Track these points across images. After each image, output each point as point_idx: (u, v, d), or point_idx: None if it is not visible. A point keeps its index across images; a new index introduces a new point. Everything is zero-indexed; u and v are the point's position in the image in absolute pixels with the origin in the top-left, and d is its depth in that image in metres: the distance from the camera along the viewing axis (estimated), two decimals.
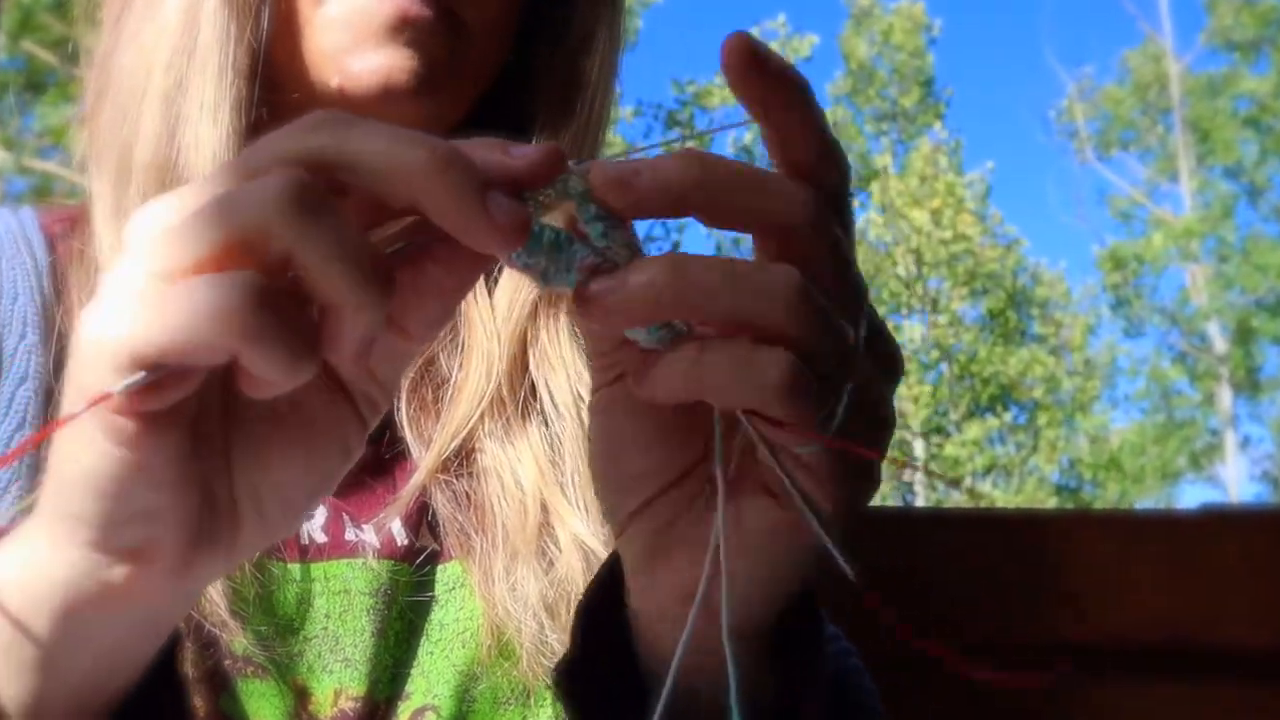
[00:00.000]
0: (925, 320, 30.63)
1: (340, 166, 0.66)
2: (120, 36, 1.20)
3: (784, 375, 0.69)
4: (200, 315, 0.62)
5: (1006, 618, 1.91)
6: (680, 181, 0.69)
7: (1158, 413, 34.09)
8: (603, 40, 1.27)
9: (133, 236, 0.67)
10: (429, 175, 0.65)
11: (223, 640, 1.09)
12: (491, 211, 0.66)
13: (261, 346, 0.63)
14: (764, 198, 0.71)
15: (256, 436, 0.72)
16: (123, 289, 0.65)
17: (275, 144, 0.68)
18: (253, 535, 0.74)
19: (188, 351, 0.63)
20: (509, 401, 1.21)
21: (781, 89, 0.71)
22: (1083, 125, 36.59)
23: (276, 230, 0.63)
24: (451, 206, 0.66)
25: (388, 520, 1.16)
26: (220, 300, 0.62)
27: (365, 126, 0.67)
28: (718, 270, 0.69)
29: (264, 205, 0.63)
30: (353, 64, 1.13)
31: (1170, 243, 32.72)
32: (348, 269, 0.64)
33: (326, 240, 0.64)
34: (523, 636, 1.12)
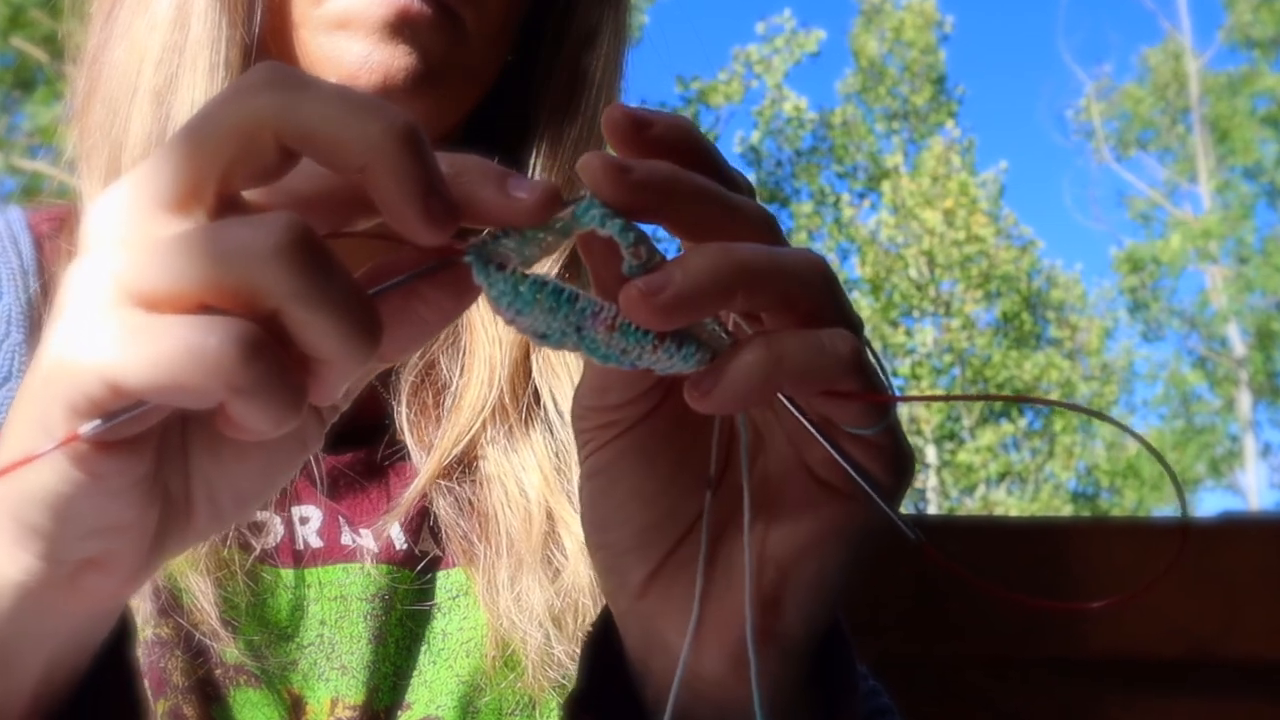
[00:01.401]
0: (938, 324, 30.61)
1: (290, 134, 0.65)
2: (111, 33, 1.20)
3: (854, 348, 0.71)
4: (190, 361, 0.61)
5: (1020, 629, 1.90)
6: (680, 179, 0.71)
7: (1176, 418, 34.09)
8: (606, 37, 1.27)
9: (97, 235, 0.66)
10: (379, 152, 0.64)
11: (214, 649, 1.09)
12: (430, 208, 0.65)
13: (252, 401, 0.62)
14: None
15: (214, 436, 0.70)
16: (96, 306, 0.63)
17: (225, 111, 0.66)
18: (205, 527, 0.73)
19: (172, 395, 0.62)
20: (511, 408, 1.21)
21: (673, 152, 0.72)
22: (1100, 124, 36.59)
23: (274, 287, 0.62)
24: (392, 193, 0.65)
25: (387, 525, 1.16)
26: (215, 349, 0.61)
27: (316, 90, 0.66)
28: (761, 252, 0.70)
29: (263, 258, 0.62)
30: (350, 62, 1.13)
31: (1189, 244, 32.70)
32: (342, 326, 0.64)
33: (324, 299, 0.63)
34: (528, 648, 1.12)
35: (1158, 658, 1.89)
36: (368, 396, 1.21)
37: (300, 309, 0.63)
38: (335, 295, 0.63)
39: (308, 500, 1.17)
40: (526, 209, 0.68)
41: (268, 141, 0.65)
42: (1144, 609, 1.89)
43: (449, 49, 1.15)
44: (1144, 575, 1.87)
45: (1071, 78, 52.74)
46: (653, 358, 0.71)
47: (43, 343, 0.65)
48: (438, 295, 0.71)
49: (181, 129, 0.66)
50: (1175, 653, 1.89)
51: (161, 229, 0.65)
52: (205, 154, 0.65)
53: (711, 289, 0.69)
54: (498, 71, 1.24)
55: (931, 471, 30.30)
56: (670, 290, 0.68)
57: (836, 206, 31.60)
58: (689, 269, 0.69)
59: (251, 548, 1.14)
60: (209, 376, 0.61)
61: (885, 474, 0.75)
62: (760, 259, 0.70)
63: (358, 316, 0.64)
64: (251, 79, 0.66)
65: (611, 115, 0.71)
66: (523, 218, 0.69)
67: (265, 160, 0.66)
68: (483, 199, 0.68)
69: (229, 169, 0.65)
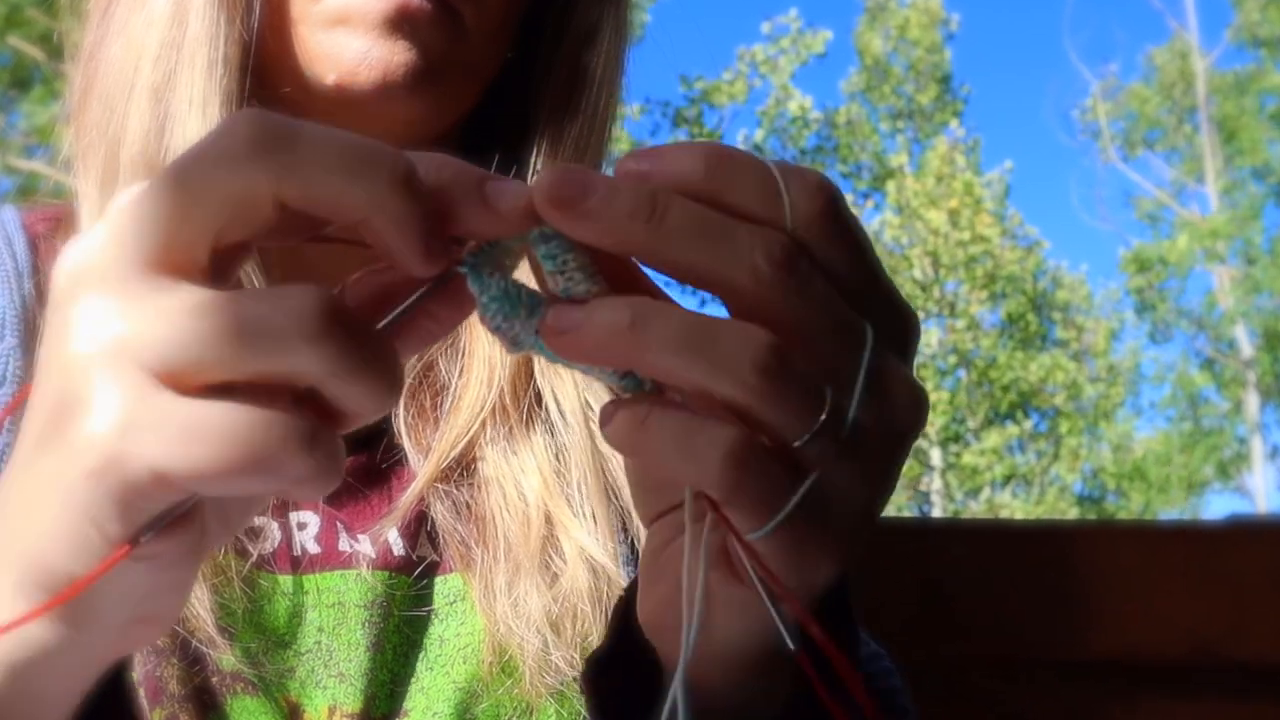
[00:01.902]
0: (942, 324, 30.60)
1: (291, 199, 0.65)
2: (107, 30, 1.19)
3: (724, 458, 0.67)
4: (250, 459, 0.61)
5: (1026, 632, 1.90)
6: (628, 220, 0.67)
7: (1183, 420, 34.07)
8: (608, 35, 1.27)
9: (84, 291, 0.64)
10: (381, 207, 0.64)
11: (210, 657, 1.09)
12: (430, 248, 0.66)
13: (309, 486, 0.63)
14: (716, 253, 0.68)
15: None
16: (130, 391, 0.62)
17: (216, 176, 0.64)
18: (217, 540, 0.73)
19: (232, 488, 0.63)
20: (512, 409, 1.21)
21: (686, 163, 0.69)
22: (1106, 124, 36.57)
23: (311, 369, 0.63)
24: (394, 241, 0.66)
25: (384, 530, 1.16)
26: (276, 448, 0.61)
27: (310, 145, 0.65)
28: (680, 327, 0.67)
29: (295, 343, 0.62)
30: (349, 58, 1.12)
31: (1196, 245, 32.68)
32: (375, 387, 0.64)
33: (359, 371, 0.63)
34: (525, 654, 1.11)
35: (1164, 659, 1.89)
36: None
37: (338, 384, 0.64)
38: (368, 363, 0.64)
39: (306, 506, 1.17)
40: (507, 223, 0.68)
41: (266, 206, 0.65)
42: (1151, 611, 1.89)
43: (449, 45, 1.15)
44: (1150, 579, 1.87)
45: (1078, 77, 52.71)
46: (600, 375, 0.71)
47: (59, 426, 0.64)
48: (438, 307, 0.71)
49: (166, 181, 0.65)
50: (1182, 655, 1.89)
51: (158, 294, 0.63)
52: (199, 218, 0.64)
53: (601, 353, 0.68)
54: (497, 69, 1.24)
55: (936, 474, 30.28)
56: (570, 337, 0.68)
57: None
58: (590, 324, 0.68)
59: (248, 554, 1.13)
60: (271, 473, 0.62)
61: (785, 573, 0.71)
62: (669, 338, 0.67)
63: (387, 373, 0.65)
64: (237, 136, 0.65)
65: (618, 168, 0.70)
66: (506, 228, 0.68)
67: (263, 221, 0.65)
68: (465, 216, 0.68)
69: (224, 230, 0.65)
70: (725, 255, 0.68)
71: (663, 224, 0.67)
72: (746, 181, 0.69)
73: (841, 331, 0.70)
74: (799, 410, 0.68)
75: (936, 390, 29.74)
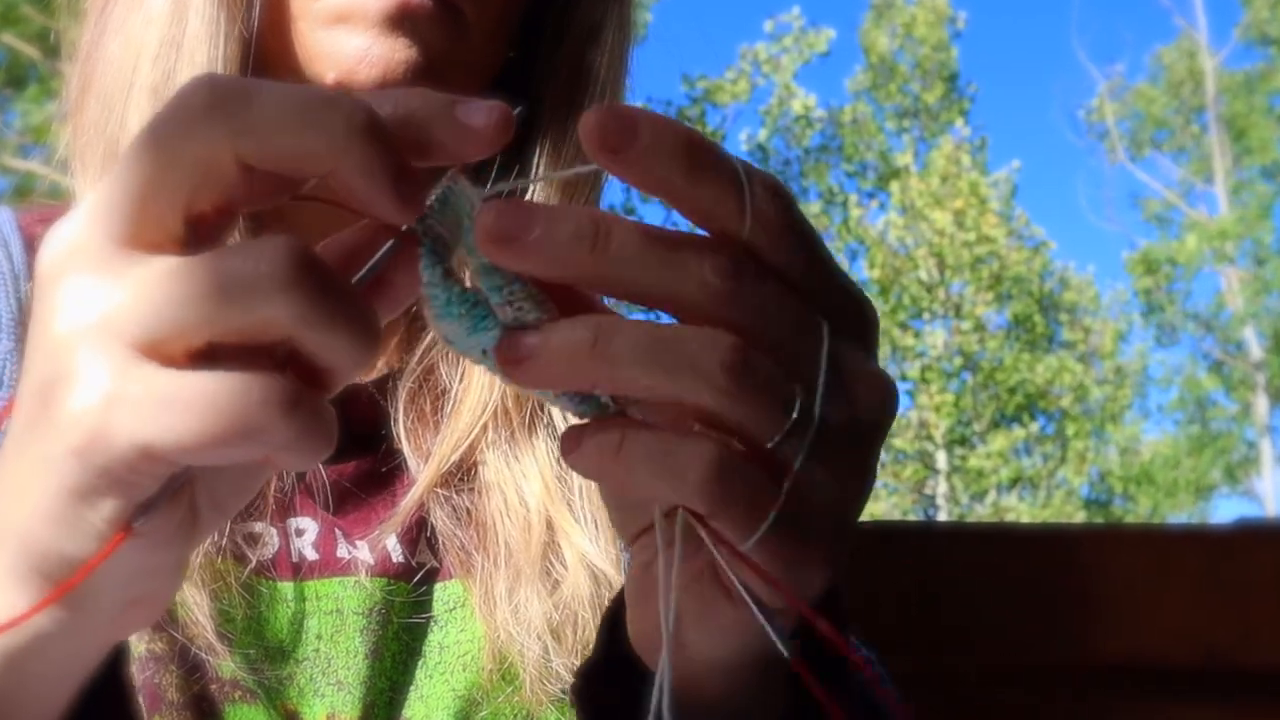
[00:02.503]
0: (948, 326, 30.58)
1: (251, 156, 0.65)
2: (105, 28, 1.19)
3: (706, 470, 0.67)
4: (232, 425, 0.61)
5: (1032, 637, 1.90)
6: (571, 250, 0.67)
7: (1192, 423, 34.07)
8: (611, 33, 1.27)
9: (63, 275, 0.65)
10: (343, 154, 0.64)
11: (209, 664, 1.09)
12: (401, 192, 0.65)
13: (295, 451, 0.64)
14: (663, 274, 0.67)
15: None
16: (106, 365, 0.63)
17: (177, 142, 0.65)
18: (209, 528, 0.73)
19: (217, 456, 0.63)
20: (514, 413, 1.21)
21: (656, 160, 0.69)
22: (1114, 124, 36.56)
23: (285, 319, 0.62)
24: (363, 188, 0.65)
25: (383, 537, 1.16)
26: (257, 412, 0.62)
27: (265, 100, 0.65)
28: (643, 339, 0.66)
29: (268, 292, 0.62)
30: (349, 56, 1.12)
31: (1205, 245, 32.68)
32: (353, 339, 0.64)
33: (335, 320, 0.63)
34: (526, 661, 1.11)
35: (1172, 666, 1.89)
36: (366, 403, 1.21)
37: (314, 333, 0.63)
38: (344, 312, 0.64)
39: (305, 512, 1.17)
40: (484, 139, 0.68)
41: (229, 166, 0.65)
42: (1158, 617, 1.89)
43: (449, 43, 1.15)
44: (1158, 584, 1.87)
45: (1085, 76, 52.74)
46: (553, 400, 0.70)
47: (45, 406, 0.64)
48: (398, 275, 0.70)
49: (131, 156, 0.65)
50: (1190, 661, 1.89)
51: (135, 267, 0.64)
52: (165, 188, 0.65)
53: (562, 375, 0.68)
54: (499, 67, 1.24)
55: (941, 477, 30.27)
56: (530, 364, 0.67)
57: (845, 206, 31.58)
58: (548, 348, 0.67)
59: (247, 560, 1.13)
60: (255, 438, 0.62)
61: (769, 586, 0.71)
62: (632, 353, 0.66)
63: (363, 325, 0.65)
64: (192, 100, 0.65)
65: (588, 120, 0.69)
66: (482, 149, 0.68)
67: (229, 182, 0.65)
68: (437, 140, 0.68)
69: (192, 197, 0.65)
70: (673, 275, 0.67)
71: (607, 251, 0.66)
72: (716, 184, 0.68)
73: (800, 331, 0.69)
74: (770, 408, 0.68)
75: (942, 392, 29.72)
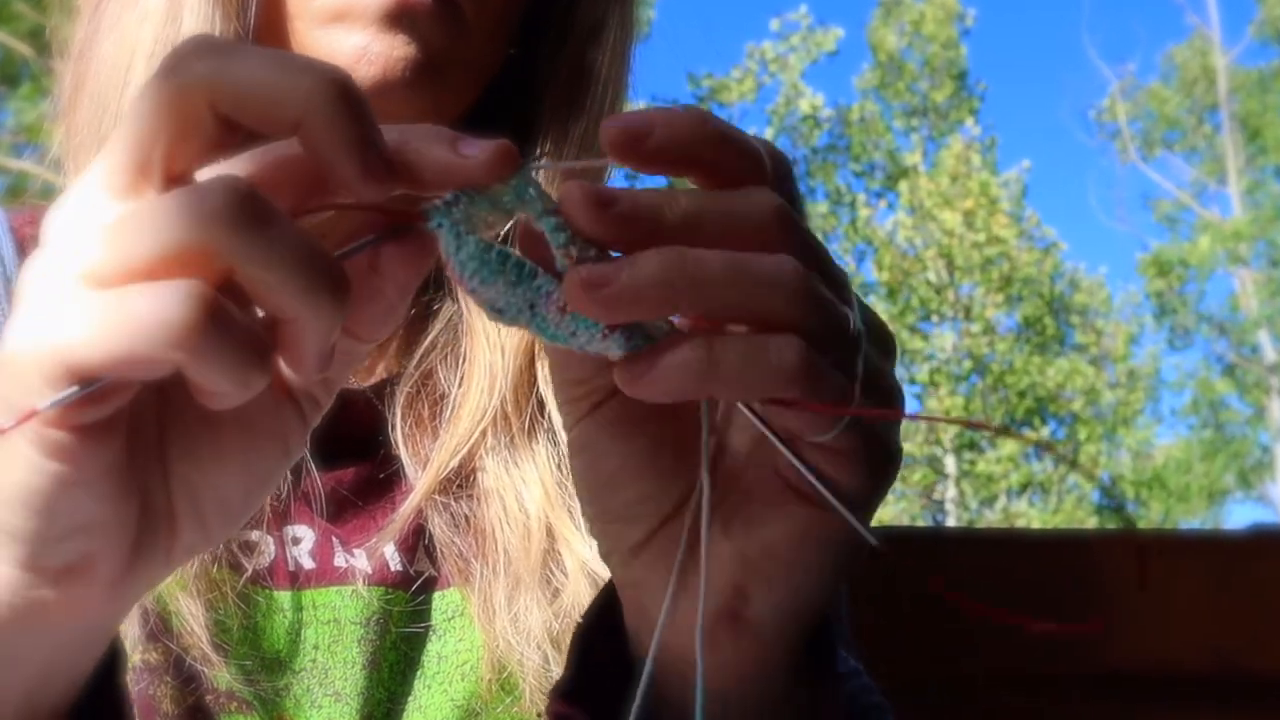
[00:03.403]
0: (957, 329, 30.58)
1: (223, 100, 0.65)
2: (99, 26, 1.19)
3: (800, 358, 0.70)
4: (142, 328, 0.61)
5: (1041, 643, 1.90)
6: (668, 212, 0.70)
7: (1205, 427, 34.03)
8: (613, 31, 1.27)
9: (52, 232, 0.67)
10: (312, 106, 0.65)
11: (205, 675, 1.09)
12: (368, 160, 0.66)
13: (209, 361, 0.63)
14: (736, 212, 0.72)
15: (193, 439, 0.71)
16: (50, 293, 0.64)
17: (157, 87, 0.66)
18: (191, 540, 0.73)
19: (128, 366, 0.63)
20: (514, 418, 1.21)
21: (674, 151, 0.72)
22: (1125, 124, 36.55)
23: (219, 247, 0.63)
24: (327, 146, 0.66)
25: (380, 545, 1.16)
26: (164, 312, 0.61)
27: (246, 53, 0.67)
28: (720, 260, 0.69)
29: (205, 219, 0.62)
30: (347, 54, 1.12)
31: (1218, 247, 32.65)
32: (296, 280, 0.64)
33: (273, 253, 0.64)
34: (526, 670, 1.11)
35: (1184, 673, 1.89)
36: (363, 408, 1.21)
37: (252, 267, 0.64)
38: (285, 249, 0.64)
39: (301, 520, 1.17)
40: (478, 164, 0.69)
41: (203, 111, 0.65)
42: (1170, 623, 1.89)
43: (449, 41, 1.15)
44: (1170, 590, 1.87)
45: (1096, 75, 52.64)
46: (602, 345, 0.71)
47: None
48: (393, 266, 0.71)
49: (133, 104, 0.67)
50: (1202, 667, 1.89)
51: (108, 209, 0.66)
52: (144, 133, 0.66)
53: (654, 296, 0.69)
54: (499, 66, 1.24)
55: (950, 482, 30.26)
56: (612, 288, 0.68)
57: (853, 207, 31.58)
58: (635, 271, 0.69)
59: (243, 568, 1.13)
60: (163, 340, 0.62)
61: (851, 479, 0.75)
62: (715, 270, 0.69)
63: (315, 269, 0.65)
64: (181, 51, 0.67)
65: (608, 131, 0.71)
66: (474, 173, 0.69)
67: (204, 131, 0.66)
68: (433, 157, 0.68)
69: (171, 145, 0.66)
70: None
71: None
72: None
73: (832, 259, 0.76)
74: (834, 313, 0.73)
75: (951, 396, 29.70)
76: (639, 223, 0.70)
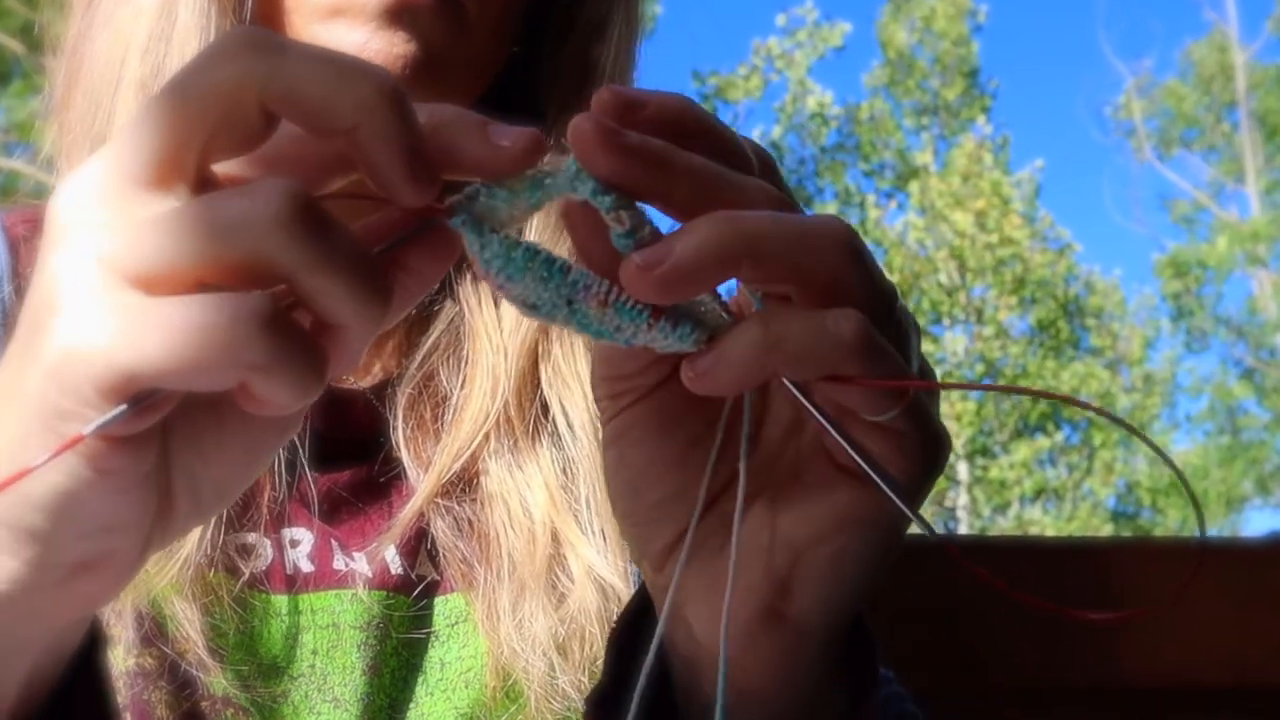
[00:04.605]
0: (969, 332, 30.54)
1: (276, 98, 0.65)
2: (92, 21, 1.19)
3: (861, 330, 0.70)
4: (205, 342, 0.61)
5: (1057, 656, 1.90)
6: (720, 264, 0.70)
7: (1223, 433, 33.98)
8: (617, 27, 1.27)
9: (69, 219, 0.66)
10: (368, 113, 0.65)
11: (200, 680, 1.09)
12: (415, 168, 0.66)
13: (276, 376, 0.63)
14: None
15: (195, 424, 0.71)
16: (95, 294, 0.63)
17: (205, 77, 0.65)
18: (186, 521, 0.73)
19: (188, 379, 0.62)
20: (517, 421, 1.21)
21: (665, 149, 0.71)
22: (1141, 122, 36.53)
23: (282, 257, 0.63)
24: (379, 155, 0.66)
25: (382, 548, 1.16)
26: (229, 327, 0.61)
27: (299, 51, 0.66)
28: (772, 221, 0.70)
29: (269, 227, 0.62)
30: (345, 51, 1.11)
31: (1236, 248, 32.60)
32: (356, 289, 0.64)
33: (335, 264, 0.64)
34: (531, 678, 1.12)
35: (1202, 685, 1.89)
36: (363, 409, 1.21)
37: (312, 277, 0.64)
38: (345, 259, 0.64)
39: (299, 522, 1.17)
40: (510, 157, 0.69)
41: (251, 107, 0.65)
42: (1188, 634, 1.88)
43: (450, 38, 1.15)
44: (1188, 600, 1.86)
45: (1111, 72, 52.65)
46: (647, 336, 0.72)
47: (30, 335, 0.65)
48: (417, 261, 0.71)
49: (155, 100, 0.66)
50: (1221, 680, 1.88)
51: (144, 207, 0.64)
52: (186, 122, 0.65)
53: (713, 261, 0.69)
54: (502, 64, 1.24)
55: (962, 489, 30.23)
56: (669, 263, 0.69)
57: (862, 207, 31.54)
58: (689, 240, 0.69)
59: (239, 572, 1.13)
60: (226, 356, 0.62)
61: (905, 462, 0.75)
62: (768, 227, 0.70)
63: (369, 277, 0.65)
64: (228, 42, 0.66)
65: (600, 96, 0.71)
66: (506, 166, 0.69)
67: (249, 126, 0.66)
68: (464, 149, 0.68)
69: (211, 138, 0.65)
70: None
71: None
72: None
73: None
74: (881, 286, 0.74)
75: (963, 400, 29.69)
76: (649, 157, 0.70)
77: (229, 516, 1.14)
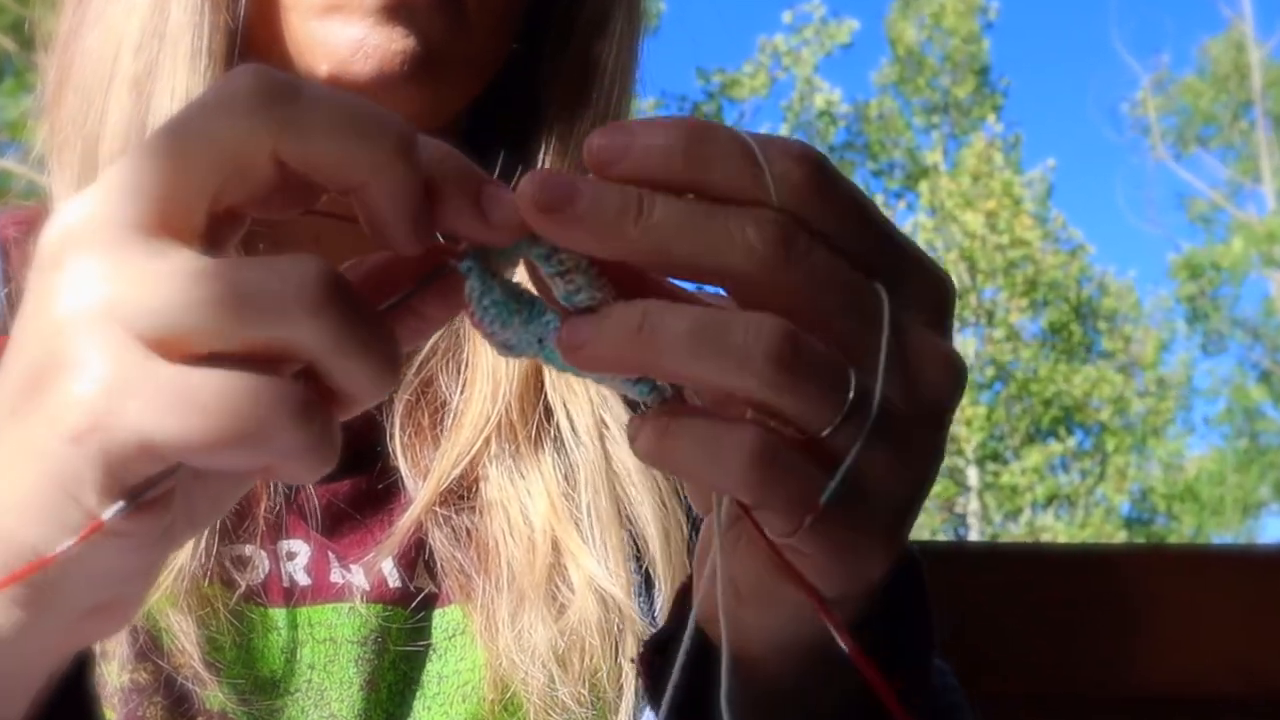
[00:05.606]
0: (980, 335, 30.56)
1: (292, 156, 0.65)
2: (84, 18, 1.19)
3: (749, 460, 0.68)
4: (239, 428, 0.61)
5: (1069, 664, 1.90)
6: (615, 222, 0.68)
7: (1239, 437, 33.98)
8: (619, 23, 1.27)
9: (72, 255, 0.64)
10: (381, 174, 0.65)
11: (196, 695, 1.08)
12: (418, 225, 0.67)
13: (299, 458, 0.63)
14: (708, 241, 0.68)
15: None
16: (113, 355, 0.61)
17: (215, 127, 0.65)
18: (182, 536, 0.72)
19: (219, 459, 0.62)
20: (519, 426, 1.20)
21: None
22: (1156, 120, 36.52)
23: (310, 343, 0.63)
24: (385, 211, 0.66)
25: (379, 560, 1.15)
26: (267, 417, 0.61)
27: (313, 102, 0.65)
28: (690, 324, 0.67)
29: (296, 314, 0.62)
30: (343, 47, 1.12)
31: (1252, 249, 32.61)
32: (376, 368, 0.65)
33: (361, 348, 0.64)
34: (530, 690, 1.11)
35: (1216, 694, 1.88)
36: (359, 418, 1.21)
37: (338, 359, 0.64)
38: (369, 341, 0.64)
39: (296, 534, 1.17)
40: (497, 232, 0.69)
41: (264, 160, 0.65)
42: (1202, 642, 1.88)
43: (449, 34, 1.14)
44: (1202, 607, 1.86)
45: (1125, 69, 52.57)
46: (611, 382, 0.73)
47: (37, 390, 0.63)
48: (428, 307, 0.72)
49: (161, 138, 0.65)
50: (1235, 689, 1.88)
51: (149, 257, 0.63)
52: (197, 174, 0.64)
53: (624, 361, 0.69)
54: (502, 61, 1.24)
55: (973, 495, 30.23)
56: (586, 351, 0.69)
57: None
58: (605, 335, 0.68)
59: (236, 584, 1.13)
60: (260, 441, 0.62)
61: (821, 581, 0.72)
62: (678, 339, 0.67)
63: (388, 354, 0.66)
64: (238, 88, 0.65)
65: (589, 144, 0.70)
66: (494, 238, 0.69)
67: (261, 179, 0.65)
68: (455, 216, 0.68)
69: (223, 189, 0.65)
70: (716, 242, 0.68)
71: (650, 220, 0.67)
72: (725, 158, 0.69)
73: (856, 304, 0.70)
74: (821, 397, 0.68)
75: (973, 405, 29.67)
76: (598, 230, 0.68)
77: (224, 527, 1.14)
